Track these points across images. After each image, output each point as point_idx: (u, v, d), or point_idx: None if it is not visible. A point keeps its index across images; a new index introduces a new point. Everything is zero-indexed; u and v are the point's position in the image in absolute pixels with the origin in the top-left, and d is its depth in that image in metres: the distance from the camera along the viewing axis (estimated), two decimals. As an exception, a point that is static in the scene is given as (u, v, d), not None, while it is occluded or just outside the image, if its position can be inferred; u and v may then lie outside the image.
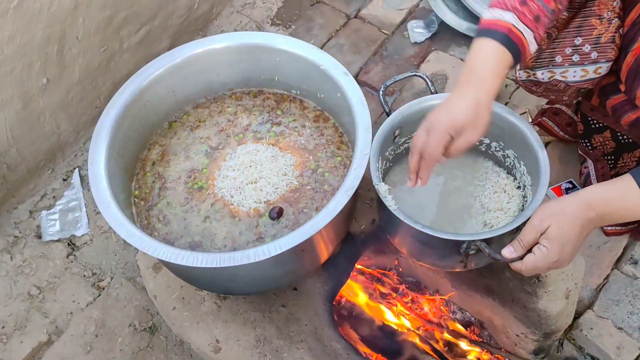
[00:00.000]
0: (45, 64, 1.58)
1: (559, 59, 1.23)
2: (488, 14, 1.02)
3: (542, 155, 1.10)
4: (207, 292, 1.26)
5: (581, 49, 1.20)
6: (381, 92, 1.21)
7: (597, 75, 1.24)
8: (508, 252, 0.99)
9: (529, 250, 0.98)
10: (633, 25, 1.15)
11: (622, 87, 1.21)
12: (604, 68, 1.22)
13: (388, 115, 1.18)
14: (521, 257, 0.98)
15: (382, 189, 1.07)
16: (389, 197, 1.07)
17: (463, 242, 1.02)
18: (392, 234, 1.19)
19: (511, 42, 0.99)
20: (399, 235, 1.17)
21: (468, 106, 0.98)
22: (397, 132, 1.19)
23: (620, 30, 1.18)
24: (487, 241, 1.01)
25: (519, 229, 1.04)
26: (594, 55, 1.20)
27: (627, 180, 0.97)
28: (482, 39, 1.00)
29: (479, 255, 1.06)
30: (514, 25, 0.99)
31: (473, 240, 1.01)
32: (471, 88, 0.99)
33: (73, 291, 1.59)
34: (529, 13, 1.00)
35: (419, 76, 1.21)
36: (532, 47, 1.02)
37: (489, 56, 0.99)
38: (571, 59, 1.22)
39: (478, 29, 1.03)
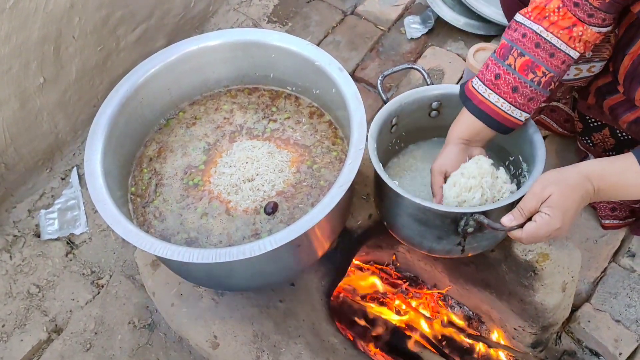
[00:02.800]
0: (42, 63, 1.59)
1: None
2: (477, 84, 1.10)
3: (537, 137, 1.11)
4: (205, 288, 1.26)
5: None
6: (379, 82, 1.22)
7: (590, 74, 1.24)
8: (508, 220, 0.99)
9: (529, 219, 0.98)
10: (630, 27, 1.15)
11: (621, 89, 1.21)
12: (597, 67, 1.22)
13: (386, 102, 1.19)
14: (521, 226, 0.98)
15: (380, 168, 1.08)
16: (387, 175, 1.08)
17: (462, 215, 1.02)
18: (390, 218, 1.19)
19: (495, 122, 1.09)
20: (396, 217, 1.16)
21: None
22: (394, 122, 1.20)
23: (616, 30, 1.18)
24: (485, 214, 1.01)
25: (515, 204, 1.04)
26: (588, 54, 1.20)
27: (628, 158, 0.98)
28: (470, 116, 1.11)
29: (477, 236, 1.07)
30: (485, 97, 1.08)
31: (472, 214, 1.01)
32: (451, 144, 1.14)
33: (72, 289, 1.59)
34: (504, 85, 1.06)
35: (416, 69, 1.23)
36: (515, 114, 1.09)
37: (465, 123, 1.12)
38: None
39: (465, 95, 1.12)
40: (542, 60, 1.04)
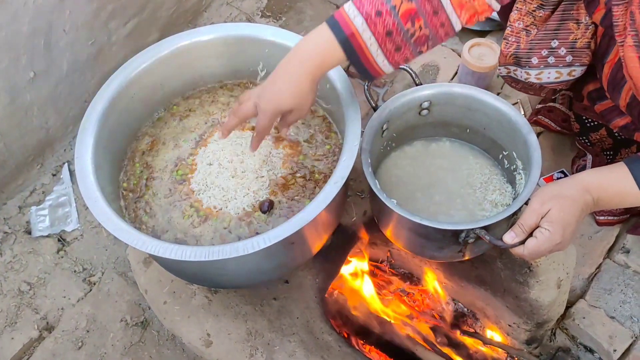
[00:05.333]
0: (32, 57, 1.56)
1: (534, 60, 1.23)
2: (353, 13, 0.95)
3: (531, 138, 1.10)
4: (198, 286, 1.25)
5: (557, 51, 1.21)
6: (365, 88, 1.20)
7: (571, 77, 1.24)
8: (510, 237, 0.99)
9: (530, 234, 0.98)
10: (604, 36, 1.15)
11: (608, 95, 1.21)
12: (577, 71, 1.23)
13: (375, 110, 1.17)
14: (523, 242, 0.98)
15: (376, 185, 1.07)
16: (385, 194, 1.06)
17: (462, 231, 1.02)
18: (387, 228, 1.18)
19: (357, 58, 0.97)
20: (394, 229, 1.16)
21: (293, 93, 1.00)
22: (384, 127, 1.19)
23: (595, 38, 1.18)
24: (486, 228, 1.01)
25: (515, 214, 1.04)
26: (568, 58, 1.20)
27: (621, 168, 0.98)
28: (325, 27, 0.97)
29: (477, 243, 1.06)
30: (359, 32, 0.95)
31: (472, 229, 1.00)
32: (296, 71, 0.99)
33: (64, 287, 1.58)
34: (381, 25, 0.95)
35: (402, 69, 1.20)
36: (379, 59, 0.97)
37: (321, 45, 0.98)
38: (546, 60, 1.22)
39: (331, 15, 0.98)
40: (424, 14, 0.95)
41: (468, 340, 1.44)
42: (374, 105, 1.19)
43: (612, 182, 0.99)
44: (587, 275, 1.51)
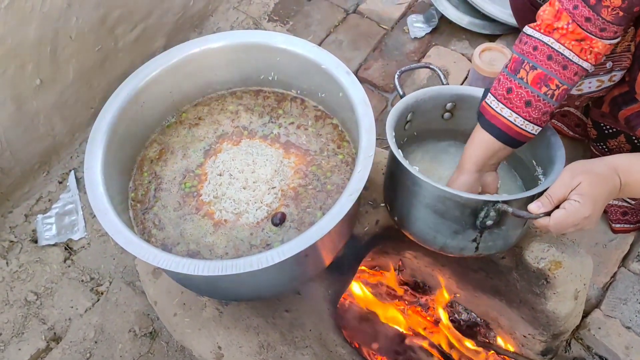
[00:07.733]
0: (38, 64, 1.55)
1: None
2: (490, 99, 1.06)
3: (554, 138, 1.09)
4: (209, 298, 1.23)
5: None
6: (397, 76, 1.21)
7: (612, 83, 1.23)
8: (536, 207, 0.96)
9: (557, 207, 0.95)
10: None
11: (639, 97, 1.19)
12: (618, 76, 1.21)
13: (402, 97, 1.17)
14: (548, 214, 0.96)
15: (399, 154, 1.05)
16: (407, 161, 1.05)
17: (484, 205, 0.99)
18: (403, 211, 1.14)
19: (508, 137, 1.06)
20: (411, 209, 1.12)
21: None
22: (409, 117, 1.18)
23: (636, 39, 1.15)
24: (509, 205, 0.98)
25: (533, 198, 1.01)
26: (608, 65, 1.18)
27: None
28: (483, 133, 1.08)
29: (493, 233, 1.04)
30: (512, 123, 1.04)
31: (494, 202, 0.98)
32: (465, 174, 1.12)
33: (71, 296, 1.56)
34: (534, 112, 1.03)
35: (432, 69, 1.23)
36: (536, 130, 1.06)
37: (485, 147, 1.09)
38: None
39: (479, 112, 1.09)
40: (555, 73, 1.01)
41: (481, 351, 1.42)
42: (401, 93, 1.18)
43: None
44: (602, 285, 1.49)
